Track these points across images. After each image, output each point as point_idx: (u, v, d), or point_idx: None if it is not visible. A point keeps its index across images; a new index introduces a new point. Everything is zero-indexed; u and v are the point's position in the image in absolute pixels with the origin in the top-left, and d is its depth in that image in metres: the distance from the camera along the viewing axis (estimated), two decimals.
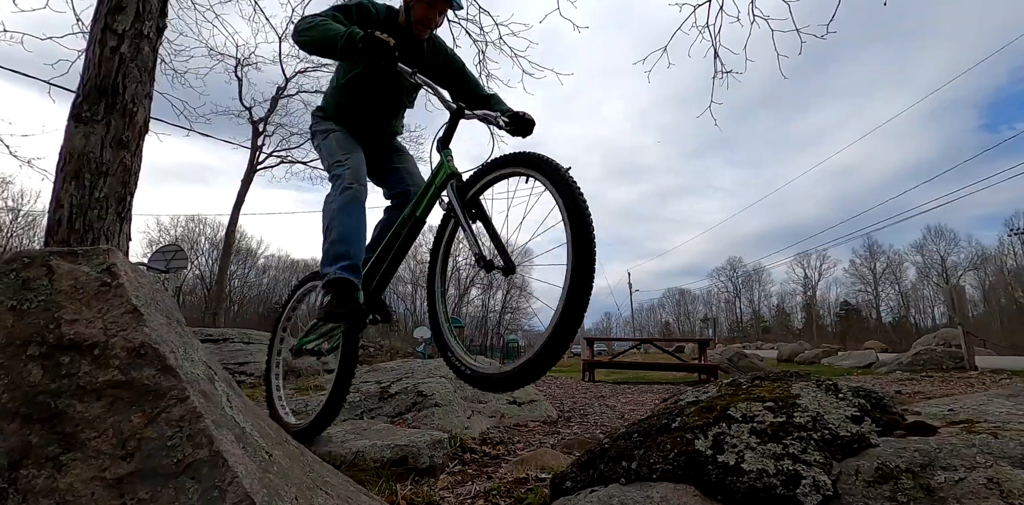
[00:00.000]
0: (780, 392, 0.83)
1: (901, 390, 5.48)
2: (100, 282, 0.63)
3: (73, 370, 0.59)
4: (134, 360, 0.59)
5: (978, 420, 0.80)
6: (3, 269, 0.63)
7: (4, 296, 0.62)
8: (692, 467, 0.77)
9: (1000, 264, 68.59)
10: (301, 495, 0.66)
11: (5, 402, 0.59)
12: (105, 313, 0.61)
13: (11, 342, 0.60)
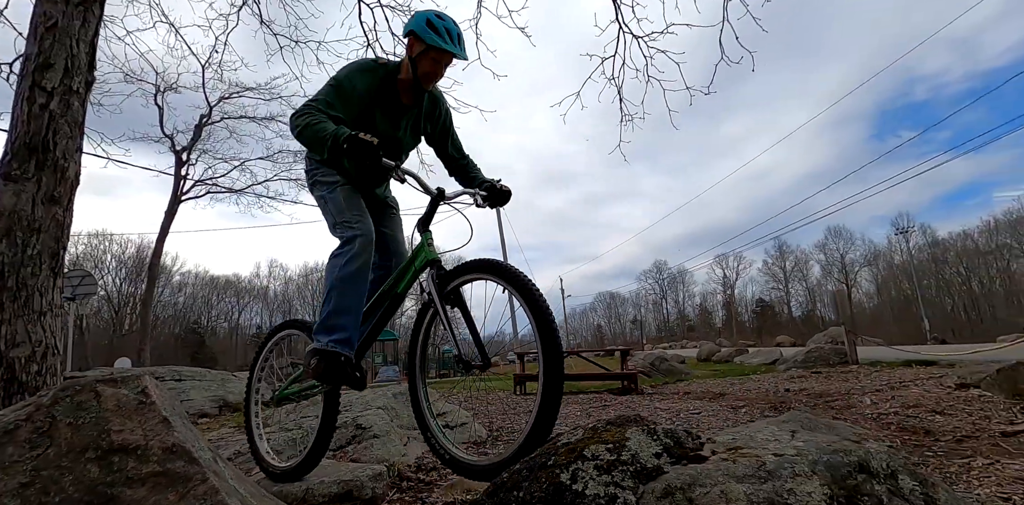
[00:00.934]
0: (618, 436, 1.20)
1: (790, 388, 6.24)
2: (138, 401, 0.90)
3: (122, 466, 0.86)
4: (168, 456, 0.87)
5: (743, 447, 1.21)
6: (60, 395, 0.89)
7: (63, 416, 0.88)
8: (557, 493, 1.12)
9: (889, 260, 75.48)
10: None
11: (72, 493, 0.85)
12: (144, 423, 0.88)
13: (72, 449, 0.86)
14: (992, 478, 1.92)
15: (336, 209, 1.98)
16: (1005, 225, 65.70)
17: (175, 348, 52.69)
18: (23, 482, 0.84)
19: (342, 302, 1.84)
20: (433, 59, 1.97)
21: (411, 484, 2.18)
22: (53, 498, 0.84)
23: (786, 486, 1.00)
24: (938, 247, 71.79)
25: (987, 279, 68.25)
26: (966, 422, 3.41)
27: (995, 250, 66.85)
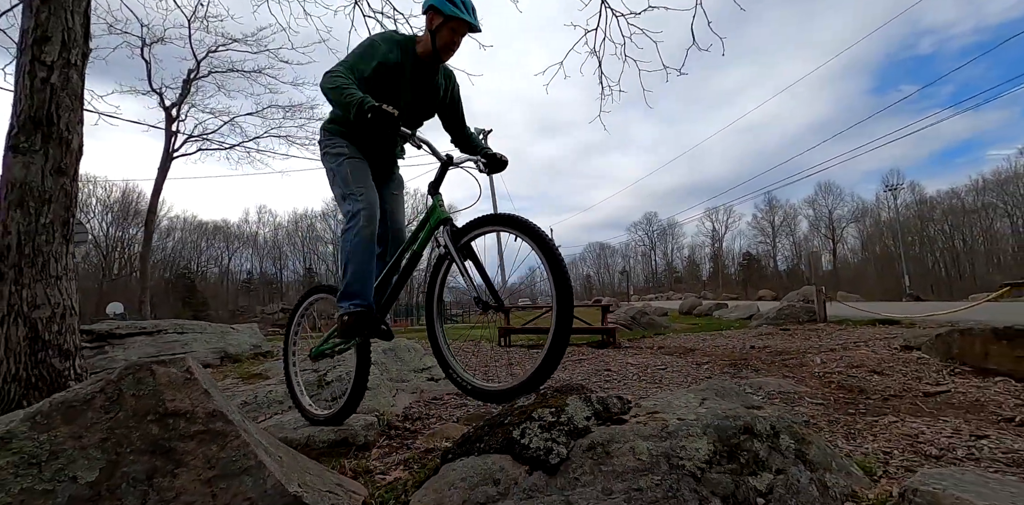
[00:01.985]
0: (560, 402, 1.50)
1: (755, 345, 6.69)
2: (184, 377, 1.17)
3: (175, 426, 1.15)
4: (210, 418, 1.15)
5: (659, 411, 1.52)
6: (124, 373, 1.15)
7: (127, 388, 1.15)
8: (509, 445, 1.43)
9: (876, 217, 76.17)
10: (298, 477, 1.26)
11: (139, 445, 1.13)
12: (190, 394, 1.16)
13: (136, 413, 1.14)
14: (886, 434, 2.28)
15: (343, 180, 2.17)
16: (992, 184, 66.03)
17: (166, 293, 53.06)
18: (103, 437, 1.12)
19: (356, 272, 2.10)
20: (452, 29, 2.14)
21: (398, 432, 2.52)
22: (125, 449, 1.12)
23: (680, 443, 1.31)
24: (925, 205, 72.35)
25: (970, 237, 69.37)
26: (898, 382, 3.82)
27: (980, 209, 67.54)
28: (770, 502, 1.29)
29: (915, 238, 69.40)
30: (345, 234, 2.10)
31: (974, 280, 64.17)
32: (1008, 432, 2.31)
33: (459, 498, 1.34)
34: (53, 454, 1.09)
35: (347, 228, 2.11)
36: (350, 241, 2.08)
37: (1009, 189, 64.04)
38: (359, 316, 2.08)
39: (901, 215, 65.10)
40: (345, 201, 2.15)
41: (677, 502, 1.21)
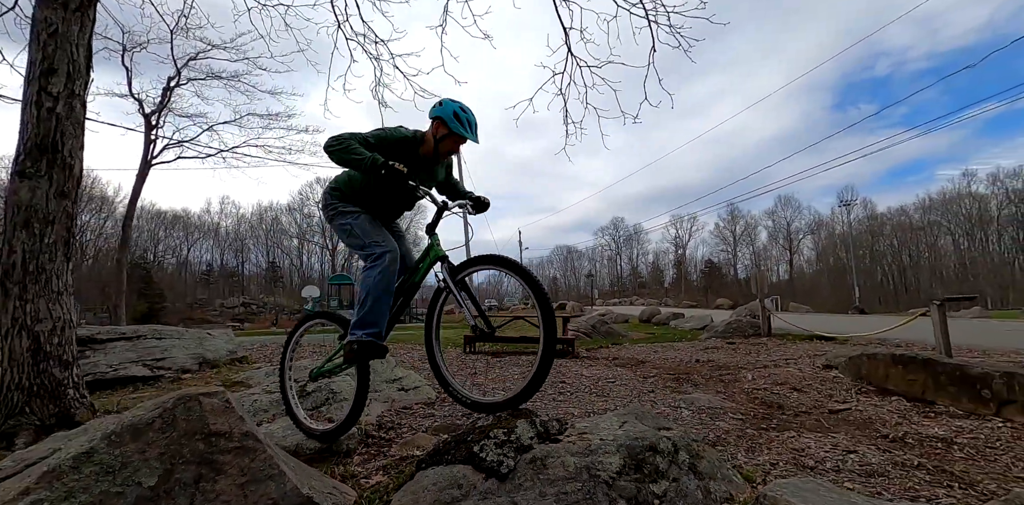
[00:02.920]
0: (511, 424, 1.92)
1: (700, 359, 7.25)
2: (223, 406, 1.53)
3: (217, 443, 1.51)
4: (243, 437, 1.52)
5: (588, 432, 1.95)
6: (177, 402, 1.51)
7: (180, 414, 1.50)
8: (471, 458, 1.84)
9: (831, 230, 79.38)
10: (307, 482, 1.64)
11: (189, 458, 1.49)
12: (228, 419, 1.52)
13: (187, 433, 1.50)
14: (779, 448, 2.78)
15: (363, 232, 2.49)
16: (938, 204, 69.68)
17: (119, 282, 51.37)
18: (161, 452, 1.47)
19: (377, 306, 2.37)
20: (454, 141, 2.56)
21: (375, 440, 2.89)
22: (178, 460, 1.47)
23: (599, 459, 1.75)
24: (876, 220, 75.87)
25: (916, 253, 73.05)
26: (812, 399, 4.37)
27: (926, 226, 71.16)
28: (663, 503, 1.73)
29: (866, 252, 72.74)
30: (369, 270, 2.38)
31: (918, 293, 67.77)
32: (875, 448, 2.84)
33: (431, 498, 1.74)
34: (124, 464, 1.43)
35: (372, 266, 2.39)
36: (374, 277, 2.36)
37: (952, 209, 67.77)
38: (370, 345, 2.36)
39: (854, 229, 68.16)
40: (367, 248, 2.45)
41: (592, 502, 1.64)
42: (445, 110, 2.51)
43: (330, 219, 2.64)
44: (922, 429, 3.33)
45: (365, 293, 2.37)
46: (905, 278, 72.90)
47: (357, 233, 2.51)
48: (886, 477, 2.33)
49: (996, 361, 6.13)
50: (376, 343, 2.38)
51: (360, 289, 2.43)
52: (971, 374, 3.80)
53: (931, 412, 3.85)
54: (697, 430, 3.09)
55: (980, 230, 66.08)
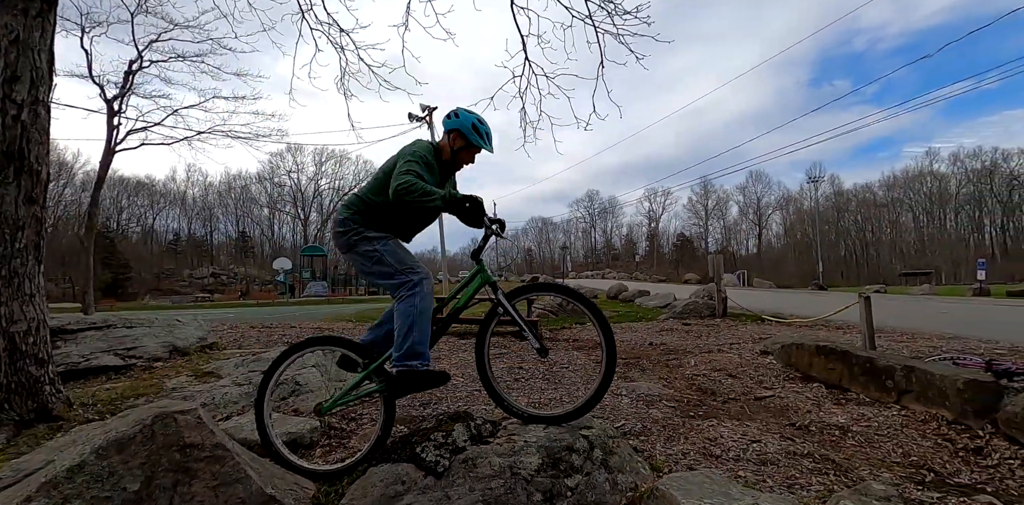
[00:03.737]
0: (449, 427, 2.23)
1: (653, 342, 7.71)
2: (196, 421, 1.79)
3: (191, 453, 1.78)
4: (214, 448, 1.79)
5: (516, 434, 2.28)
6: (155, 419, 1.76)
7: (158, 429, 1.76)
8: (414, 458, 2.15)
9: (799, 205, 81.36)
10: (271, 481, 1.92)
11: (167, 466, 1.76)
12: (200, 432, 1.78)
13: (165, 445, 1.76)
14: (696, 438, 3.16)
15: (395, 259, 2.44)
16: (901, 181, 71.74)
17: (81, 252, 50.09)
18: (142, 462, 1.72)
19: (423, 333, 2.33)
20: (471, 153, 2.66)
21: (336, 432, 3.18)
22: (158, 469, 1.73)
23: (520, 459, 2.07)
24: (842, 197, 77.96)
25: (878, 229, 75.57)
26: (743, 386, 4.81)
27: (889, 203, 73.41)
28: (575, 494, 2.08)
29: (831, 227, 75.02)
30: (409, 299, 2.34)
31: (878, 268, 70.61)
32: (779, 436, 3.26)
33: (379, 493, 2.05)
34: (111, 473, 1.69)
35: (411, 294, 2.35)
36: (416, 306, 2.32)
37: (914, 186, 69.93)
38: (427, 375, 2.30)
39: (820, 205, 69.95)
40: (402, 274, 2.40)
41: (513, 495, 1.97)
42: (463, 122, 2.57)
43: (350, 246, 2.53)
44: (827, 417, 3.78)
45: (410, 322, 2.31)
46: (867, 253, 75.61)
47: (389, 261, 2.44)
48: (776, 466, 2.73)
49: (919, 345, 6.72)
50: (434, 372, 2.32)
51: (400, 318, 2.34)
52: (878, 366, 4.26)
53: (843, 399, 4.32)
54: (627, 421, 3.45)
55: (939, 208, 68.51)
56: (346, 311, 17.93)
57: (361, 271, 2.59)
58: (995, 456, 3.13)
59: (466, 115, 2.61)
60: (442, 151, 2.67)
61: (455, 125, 2.60)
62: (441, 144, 2.70)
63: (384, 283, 2.49)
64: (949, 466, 3.03)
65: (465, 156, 2.68)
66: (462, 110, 2.65)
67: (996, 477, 2.93)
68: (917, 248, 69.65)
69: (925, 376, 3.87)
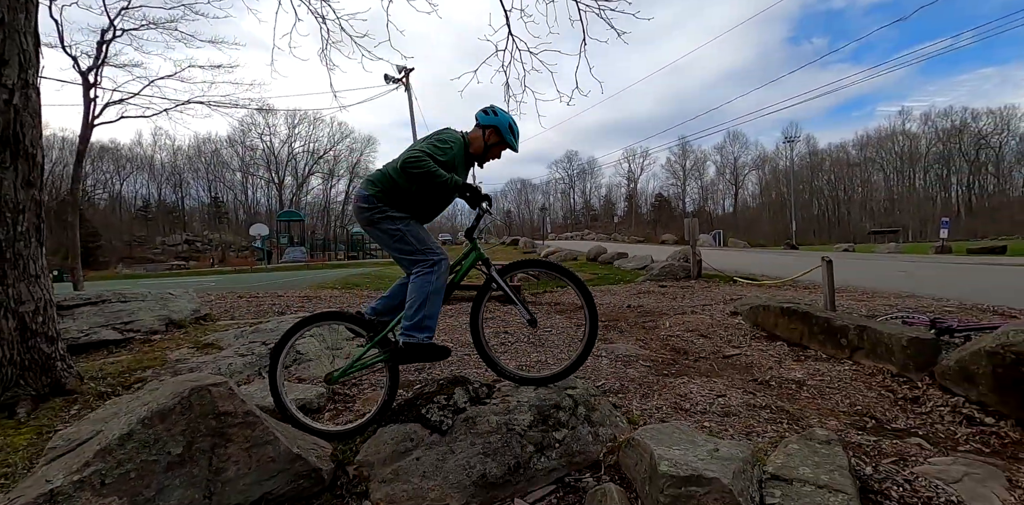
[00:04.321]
0: (450, 390, 2.50)
1: (631, 304, 8.08)
2: (229, 392, 2.01)
3: (226, 420, 2.01)
4: (245, 415, 2.03)
5: (509, 395, 2.56)
6: (191, 391, 1.98)
7: (194, 400, 1.98)
8: (420, 418, 2.42)
9: (775, 165, 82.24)
10: (295, 442, 2.18)
11: (205, 432, 2.00)
12: (232, 401, 2.01)
13: (201, 414, 1.99)
14: (668, 394, 3.51)
15: (416, 239, 2.61)
16: (874, 140, 72.77)
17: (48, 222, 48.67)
18: (183, 428, 1.95)
19: (433, 308, 2.51)
20: (502, 149, 2.84)
21: (340, 397, 3.44)
22: (197, 434, 1.96)
23: (514, 416, 2.36)
24: (817, 156, 78.95)
25: (851, 188, 77.11)
26: (713, 345, 5.20)
27: (862, 163, 74.61)
28: (562, 445, 2.38)
29: (806, 186, 76.34)
30: (427, 276, 2.53)
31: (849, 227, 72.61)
32: (742, 391, 3.62)
33: (390, 449, 2.32)
34: (156, 439, 1.92)
35: (429, 272, 2.54)
36: (432, 283, 2.52)
37: (886, 146, 71.04)
38: (430, 347, 2.50)
39: (796, 165, 70.87)
40: (422, 253, 2.58)
41: (509, 448, 2.26)
42: (502, 122, 2.76)
43: (373, 222, 2.66)
44: (786, 373, 4.17)
45: (424, 297, 2.50)
46: (839, 212, 77.42)
47: (411, 240, 2.60)
48: (737, 417, 3.09)
49: (877, 304, 7.21)
50: (437, 345, 2.53)
51: (414, 292, 2.52)
52: (834, 325, 4.65)
53: (803, 356, 4.73)
54: (607, 380, 3.78)
55: (909, 167, 69.92)
56: (328, 277, 18.07)
57: (380, 244, 2.75)
58: (929, 404, 3.56)
59: (504, 115, 2.78)
60: (472, 143, 2.80)
61: (493, 122, 2.77)
62: (472, 136, 2.81)
63: (403, 258, 2.65)
64: (889, 414, 3.45)
65: (496, 151, 2.85)
66: (500, 109, 2.80)
67: (928, 422, 3.35)
68: (887, 207, 71.53)
69: (875, 334, 4.26)
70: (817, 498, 2.02)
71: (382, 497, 2.13)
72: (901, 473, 2.54)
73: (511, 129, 2.78)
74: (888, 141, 71.16)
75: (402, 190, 2.64)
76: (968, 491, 2.44)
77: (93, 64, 9.47)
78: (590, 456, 2.44)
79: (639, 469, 2.19)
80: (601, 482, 2.22)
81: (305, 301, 8.72)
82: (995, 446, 3.03)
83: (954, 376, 3.58)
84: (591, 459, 2.43)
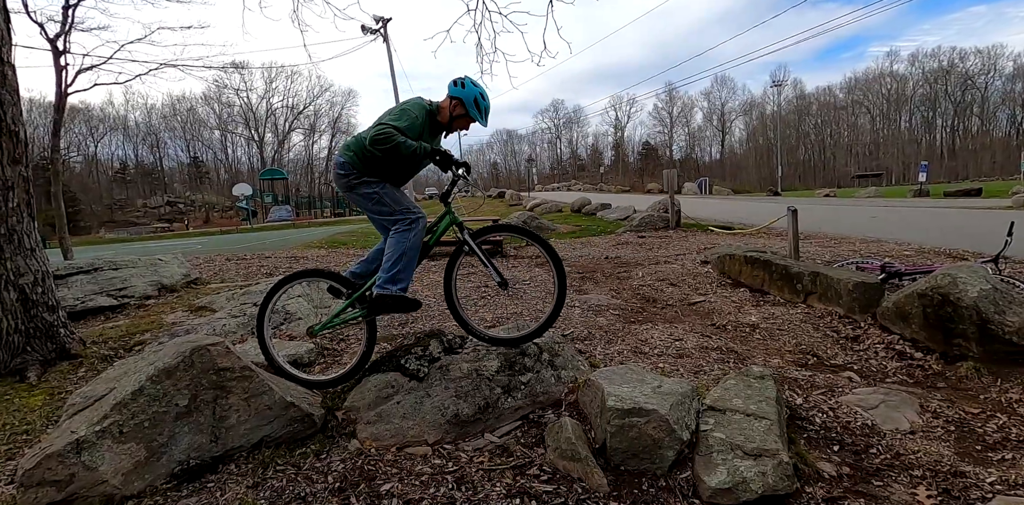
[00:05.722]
0: (426, 342, 2.79)
1: (608, 256, 8.38)
2: (226, 350, 2.26)
3: (225, 375, 2.27)
4: (242, 370, 2.29)
5: (479, 345, 2.85)
6: (193, 351, 2.23)
7: (197, 359, 2.23)
8: (399, 367, 2.71)
9: (762, 110, 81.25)
10: (288, 392, 2.46)
11: (207, 385, 2.26)
12: (230, 358, 2.27)
13: (203, 370, 2.25)
14: (631, 340, 3.83)
15: (393, 200, 2.77)
16: (862, 83, 71.79)
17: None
18: (187, 383, 2.21)
19: (409, 264, 2.69)
20: (467, 121, 2.91)
21: (329, 351, 3.73)
22: (200, 388, 2.23)
23: (484, 363, 2.65)
24: (804, 100, 78.01)
25: (836, 132, 76.81)
26: (680, 293, 5.53)
27: (849, 105, 73.93)
28: (527, 386, 2.69)
29: (792, 131, 75.92)
30: (405, 233, 2.71)
31: (834, 171, 72.95)
32: (699, 335, 3.96)
33: (373, 395, 2.62)
34: (164, 393, 2.18)
35: (407, 229, 2.72)
36: (410, 239, 2.70)
37: (874, 88, 70.22)
38: (402, 299, 2.68)
39: (783, 109, 70.12)
40: (399, 213, 2.75)
41: (479, 390, 2.56)
42: (467, 94, 2.81)
43: (351, 187, 2.81)
44: (744, 317, 4.51)
45: (400, 252, 2.67)
46: (825, 156, 77.40)
47: (387, 201, 2.77)
48: (690, 357, 3.43)
49: (842, 249, 7.56)
50: (408, 298, 2.71)
51: (392, 248, 2.69)
52: (791, 272, 4.97)
53: (762, 301, 5.08)
54: (576, 328, 4.09)
55: (895, 110, 69.47)
56: (315, 236, 18.20)
57: (360, 207, 2.91)
58: (868, 342, 3.93)
59: (472, 88, 2.82)
60: (440, 112, 2.91)
61: (460, 94, 2.82)
62: (441, 105, 2.91)
63: (382, 219, 2.83)
64: (830, 351, 3.81)
65: (461, 123, 2.92)
66: (469, 82, 2.85)
67: (863, 358, 3.72)
68: (872, 150, 71.59)
69: (826, 280, 4.59)
70: (744, 424, 2.35)
71: (367, 436, 2.44)
72: (827, 402, 2.90)
73: (476, 103, 2.83)
74: (875, 83, 70.28)
75: (374, 157, 2.77)
76: (882, 416, 2.81)
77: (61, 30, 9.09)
78: (553, 396, 2.75)
79: (593, 405, 2.50)
80: (561, 417, 2.54)
81: (292, 261, 8.93)
82: (918, 377, 3.42)
83: (892, 316, 3.93)
84: (554, 398, 2.75)
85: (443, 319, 4.53)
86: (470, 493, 2.07)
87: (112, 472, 2.04)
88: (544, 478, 2.17)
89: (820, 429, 2.60)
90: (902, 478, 2.23)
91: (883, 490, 2.14)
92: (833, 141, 76.52)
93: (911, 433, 2.62)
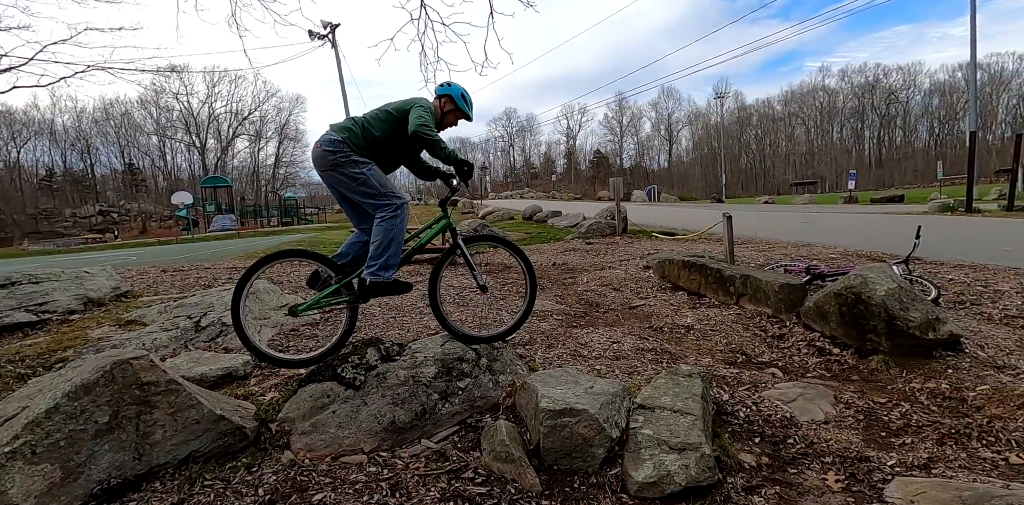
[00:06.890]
0: (363, 351, 2.78)
1: (556, 262, 8.52)
2: (150, 364, 2.19)
3: (150, 389, 2.21)
4: (168, 383, 2.22)
5: (419, 351, 2.87)
6: (114, 365, 2.15)
7: (118, 374, 2.16)
8: (335, 376, 2.69)
9: (707, 120, 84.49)
10: (219, 405, 2.41)
11: (130, 401, 2.19)
12: (155, 372, 2.20)
13: (124, 385, 2.17)
14: (571, 343, 3.93)
15: (379, 183, 2.81)
16: (798, 96, 75.78)
17: None
18: (108, 399, 2.12)
19: (396, 249, 2.78)
20: (456, 116, 3.12)
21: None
22: (122, 403, 2.15)
23: (421, 370, 2.67)
24: (745, 111, 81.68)
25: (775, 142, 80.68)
26: (622, 297, 5.69)
27: (786, 117, 77.87)
28: (464, 392, 2.73)
29: (735, 141, 79.26)
30: (391, 220, 2.78)
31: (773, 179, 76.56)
32: (636, 337, 4.10)
33: (309, 405, 2.59)
34: (82, 411, 2.09)
35: (393, 215, 2.78)
36: (397, 225, 2.78)
37: (808, 101, 74.31)
38: (395, 284, 2.81)
39: (726, 120, 73.12)
40: (383, 197, 2.80)
41: (415, 397, 2.58)
42: (454, 91, 3.07)
43: (337, 165, 2.79)
44: (680, 319, 4.70)
45: (388, 239, 2.75)
46: (765, 165, 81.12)
47: (373, 183, 2.79)
48: (626, 359, 3.55)
49: (775, 253, 7.95)
50: (400, 281, 2.84)
51: (379, 235, 2.75)
52: (724, 275, 5.21)
53: (698, 304, 5.29)
54: (519, 334, 4.15)
55: (828, 121, 73.64)
56: (260, 245, 17.63)
57: (341, 189, 2.86)
58: (791, 340, 4.16)
59: (457, 86, 3.10)
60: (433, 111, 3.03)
61: (448, 91, 3.08)
62: (433, 104, 3.07)
63: (365, 202, 2.83)
64: (757, 350, 4.02)
65: (451, 118, 3.12)
66: (453, 82, 3.12)
67: (787, 355, 3.94)
68: (807, 159, 75.59)
69: (756, 282, 4.84)
70: (671, 421, 2.46)
71: (302, 447, 2.42)
72: (751, 397, 3.07)
73: (463, 97, 3.08)
74: (810, 96, 74.41)
75: (375, 141, 2.85)
76: (799, 408, 2.99)
77: None
78: (491, 400, 2.80)
79: (528, 407, 2.56)
80: (497, 420, 2.59)
81: (234, 272, 8.63)
82: (835, 371, 3.65)
83: (813, 315, 4.19)
84: (492, 403, 2.80)
85: (387, 328, 4.51)
86: (404, 499, 2.08)
87: (23, 495, 1.94)
88: (479, 480, 2.20)
89: (743, 423, 2.75)
90: (814, 465, 2.38)
91: (797, 477, 2.29)
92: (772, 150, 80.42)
93: (825, 423, 2.80)
